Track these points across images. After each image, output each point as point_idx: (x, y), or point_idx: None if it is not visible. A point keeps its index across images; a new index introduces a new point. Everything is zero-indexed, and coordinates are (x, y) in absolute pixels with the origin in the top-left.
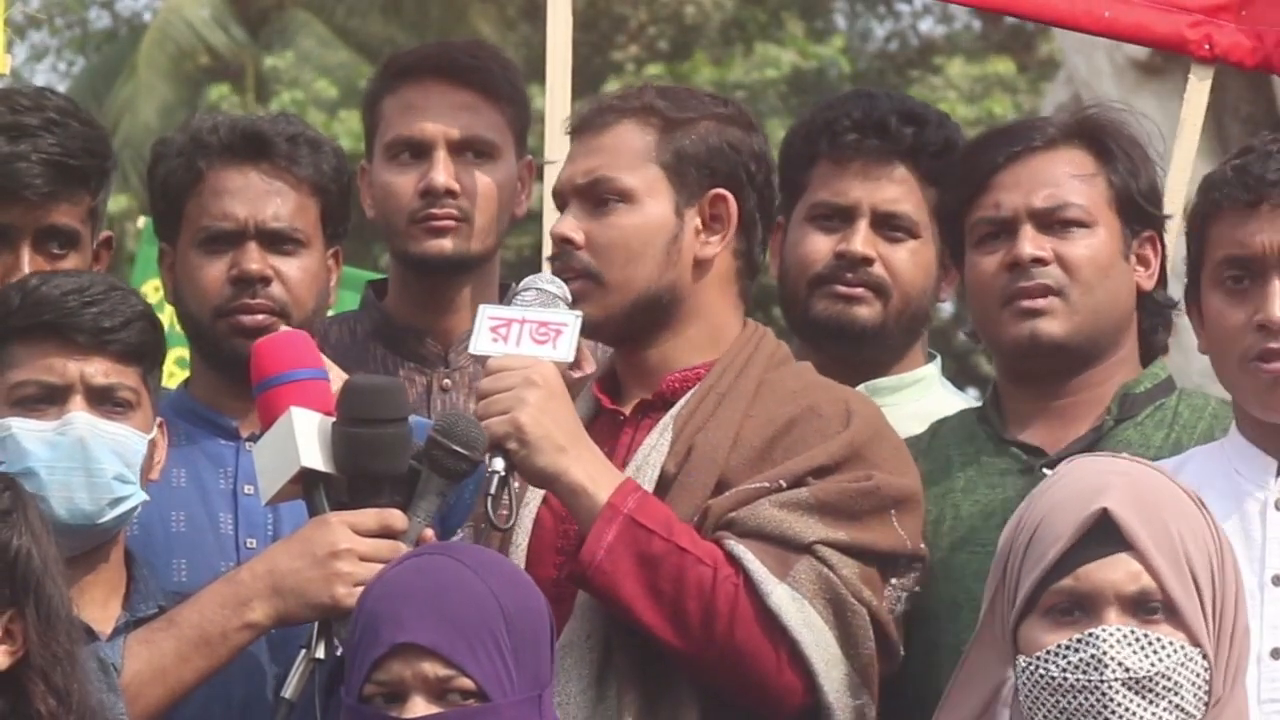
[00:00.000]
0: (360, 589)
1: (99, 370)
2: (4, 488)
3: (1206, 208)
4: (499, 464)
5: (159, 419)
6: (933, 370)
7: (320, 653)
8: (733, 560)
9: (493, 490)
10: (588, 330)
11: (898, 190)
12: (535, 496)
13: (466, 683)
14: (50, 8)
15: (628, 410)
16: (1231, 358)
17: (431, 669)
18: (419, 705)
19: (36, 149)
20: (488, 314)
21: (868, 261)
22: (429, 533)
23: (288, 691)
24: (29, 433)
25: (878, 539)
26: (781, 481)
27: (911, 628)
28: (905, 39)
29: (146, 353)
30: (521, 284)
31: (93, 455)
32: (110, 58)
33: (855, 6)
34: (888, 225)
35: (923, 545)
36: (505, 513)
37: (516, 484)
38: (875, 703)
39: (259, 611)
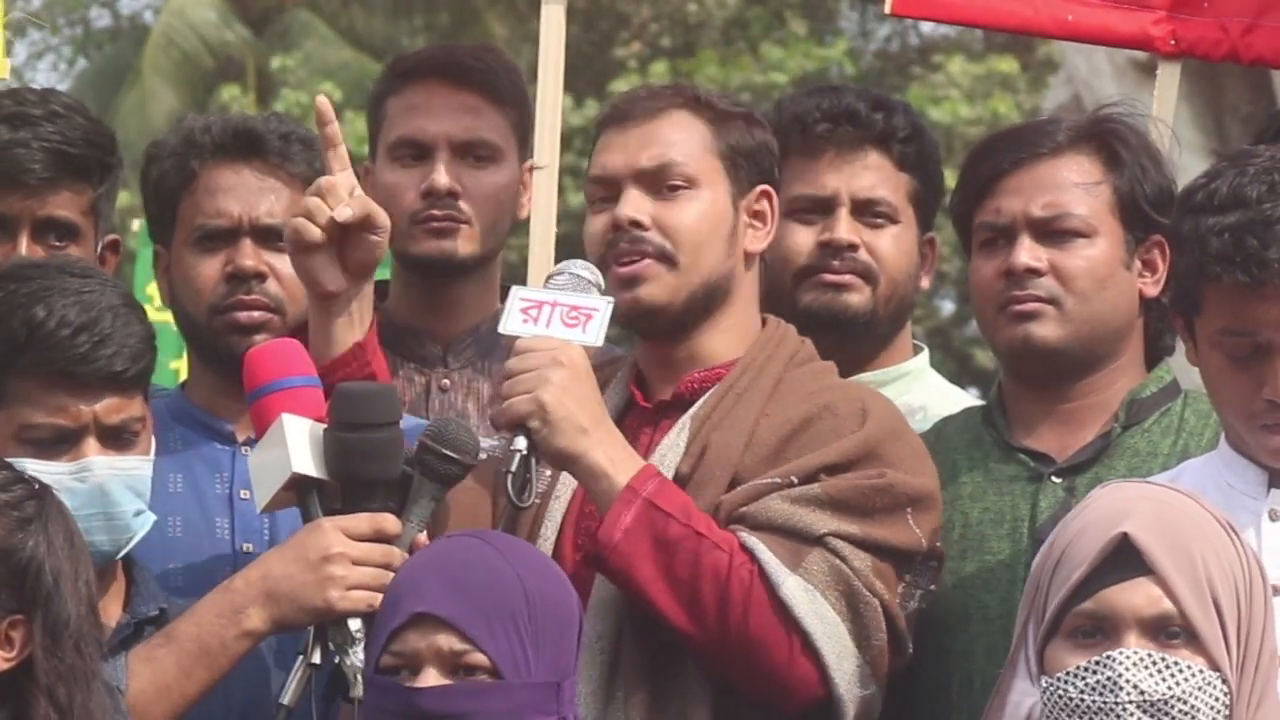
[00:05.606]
0: (355, 593)
1: (109, 408)
2: (30, 496)
3: (1203, 268)
4: (521, 443)
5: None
6: (919, 363)
7: (317, 658)
8: (746, 550)
9: (514, 468)
10: (646, 315)
11: (874, 176)
12: (565, 491)
13: (480, 658)
14: (51, 7)
15: (653, 407)
16: (1236, 411)
17: (446, 641)
18: (431, 676)
19: (37, 136)
20: (520, 295)
21: (853, 248)
22: (422, 537)
23: (285, 698)
24: (45, 478)
25: (891, 535)
26: (793, 478)
27: (921, 634)
28: (906, 38)
29: (148, 374)
30: (556, 267)
31: (113, 499)
32: (113, 61)
33: (856, 5)
34: (868, 212)
35: (940, 544)
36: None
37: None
38: (882, 693)
39: (255, 618)
